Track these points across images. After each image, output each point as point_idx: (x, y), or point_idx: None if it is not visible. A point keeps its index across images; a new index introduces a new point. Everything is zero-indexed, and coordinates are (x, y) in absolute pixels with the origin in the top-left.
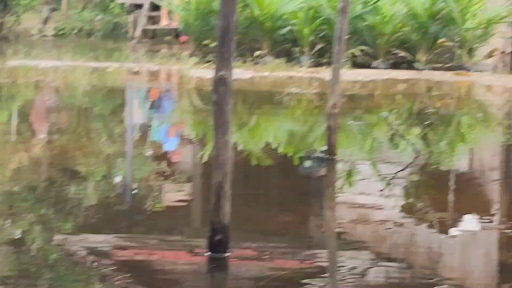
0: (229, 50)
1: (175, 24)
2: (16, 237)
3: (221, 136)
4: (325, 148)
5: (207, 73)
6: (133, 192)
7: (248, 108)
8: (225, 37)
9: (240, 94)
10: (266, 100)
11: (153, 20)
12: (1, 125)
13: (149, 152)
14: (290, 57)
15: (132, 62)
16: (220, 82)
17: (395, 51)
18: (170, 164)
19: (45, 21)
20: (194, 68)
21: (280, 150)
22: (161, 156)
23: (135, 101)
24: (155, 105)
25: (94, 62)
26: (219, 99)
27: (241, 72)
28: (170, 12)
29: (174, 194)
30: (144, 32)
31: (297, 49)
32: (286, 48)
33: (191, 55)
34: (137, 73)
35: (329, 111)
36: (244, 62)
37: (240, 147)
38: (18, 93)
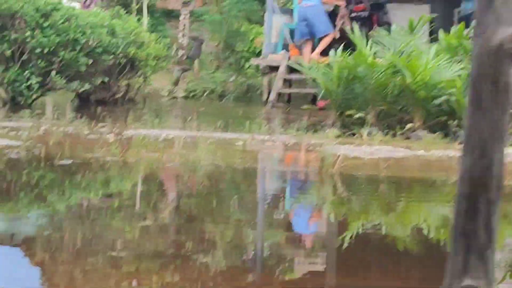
0: (489, 237)
1: (312, 88)
2: None
3: None
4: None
5: (351, 150)
6: (262, 263)
7: (397, 200)
8: (477, 215)
9: (390, 178)
10: (423, 188)
11: (289, 83)
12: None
13: (282, 231)
14: (446, 131)
15: (265, 133)
16: None
17: None
18: (302, 245)
19: (176, 82)
20: (335, 142)
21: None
22: (295, 237)
23: (268, 184)
24: (290, 188)
25: (222, 132)
26: None
27: (390, 150)
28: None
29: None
30: (279, 95)
31: (454, 122)
32: (442, 121)
33: (331, 125)
34: (270, 147)
35: None
36: (394, 135)
37: None
38: (120, 181)
